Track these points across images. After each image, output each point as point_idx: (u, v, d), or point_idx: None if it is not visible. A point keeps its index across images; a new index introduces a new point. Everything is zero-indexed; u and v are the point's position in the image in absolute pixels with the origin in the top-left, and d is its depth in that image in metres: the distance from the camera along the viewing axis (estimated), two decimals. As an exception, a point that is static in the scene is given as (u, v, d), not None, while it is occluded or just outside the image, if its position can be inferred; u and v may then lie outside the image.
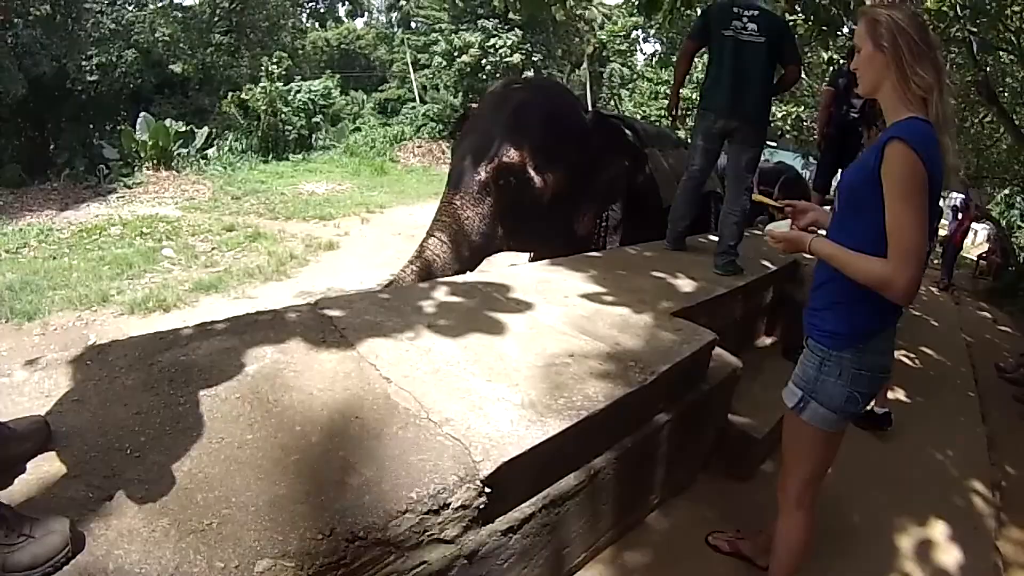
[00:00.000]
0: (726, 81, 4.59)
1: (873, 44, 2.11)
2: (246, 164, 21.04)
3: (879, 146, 2.01)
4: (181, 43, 24.35)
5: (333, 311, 2.91)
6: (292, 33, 30.19)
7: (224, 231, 12.86)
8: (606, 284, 3.78)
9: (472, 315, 3.02)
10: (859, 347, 2.19)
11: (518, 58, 29.26)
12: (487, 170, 4.49)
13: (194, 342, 2.48)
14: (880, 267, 1.99)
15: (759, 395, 4.02)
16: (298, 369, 2.34)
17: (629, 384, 2.50)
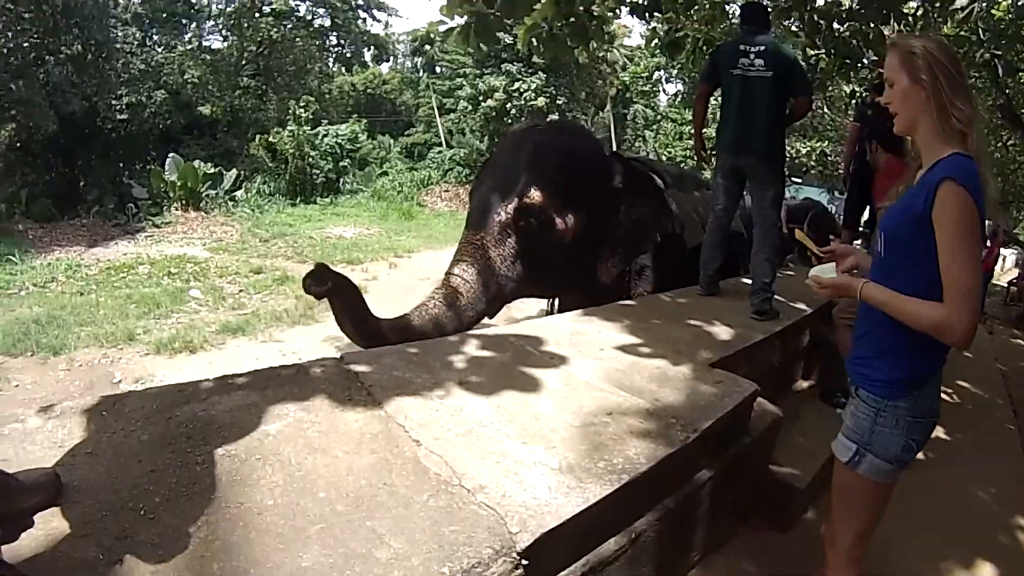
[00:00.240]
0: (733, 119, 4.63)
1: (910, 78, 2.02)
2: (274, 207, 21.18)
3: (929, 187, 1.92)
4: (209, 85, 24.73)
5: (359, 366, 2.82)
6: (319, 77, 30.53)
7: (252, 273, 12.83)
8: (641, 334, 3.66)
9: (505, 370, 2.91)
10: (914, 394, 2.10)
11: (542, 101, 29.30)
12: (508, 211, 4.42)
13: (214, 396, 2.39)
14: (937, 311, 1.91)
15: (799, 442, 3.91)
16: (323, 429, 2.24)
17: (671, 443, 2.38)
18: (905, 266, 2.03)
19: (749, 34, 4.66)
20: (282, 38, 26.78)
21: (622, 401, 2.68)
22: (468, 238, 4.46)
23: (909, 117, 2.05)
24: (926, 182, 1.95)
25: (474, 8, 5.71)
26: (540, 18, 6.97)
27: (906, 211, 2.01)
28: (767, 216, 4.62)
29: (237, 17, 26.49)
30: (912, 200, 2.00)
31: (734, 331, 3.97)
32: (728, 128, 4.69)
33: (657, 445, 2.34)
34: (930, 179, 1.94)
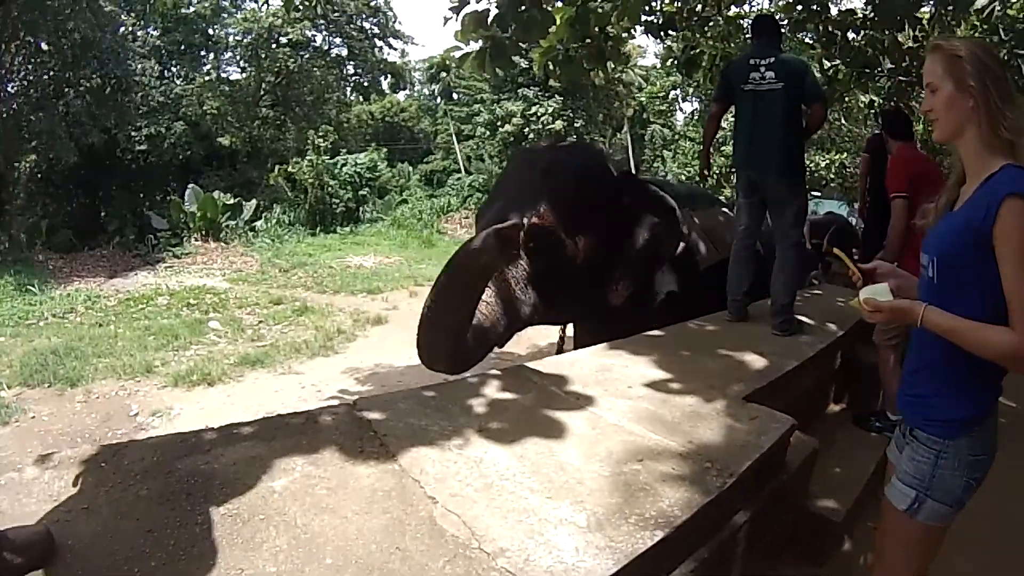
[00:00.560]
0: (747, 135, 4.56)
1: (955, 84, 1.90)
2: (294, 237, 21.28)
3: (991, 204, 1.79)
4: (228, 116, 24.84)
5: (372, 413, 2.66)
6: (337, 106, 30.67)
7: (271, 304, 12.83)
8: (671, 368, 3.48)
9: (527, 415, 2.74)
10: (975, 430, 1.97)
11: (560, 124, 29.40)
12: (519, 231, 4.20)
13: (217, 448, 2.27)
14: (1008, 337, 1.78)
15: (834, 471, 3.78)
16: (331, 486, 2.09)
17: (707, 491, 2.21)
18: (963, 291, 1.90)
19: (759, 47, 4.58)
20: (299, 68, 26.94)
21: (653, 445, 2.51)
22: None
23: (953, 126, 1.94)
24: (984, 198, 1.83)
25: (489, 33, 5.66)
26: (556, 41, 6.93)
27: (963, 231, 1.88)
28: (787, 235, 4.52)
29: (254, 48, 26.70)
30: (969, 218, 1.87)
31: (767, 360, 3.79)
32: (742, 144, 4.62)
33: (692, 493, 2.18)
34: (990, 195, 1.81)
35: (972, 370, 1.90)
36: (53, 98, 18.93)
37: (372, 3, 29.16)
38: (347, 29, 28.84)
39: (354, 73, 31.43)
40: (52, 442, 6.66)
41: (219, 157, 25.27)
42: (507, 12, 5.51)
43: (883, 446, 4.41)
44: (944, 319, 1.88)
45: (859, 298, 2.07)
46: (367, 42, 29.94)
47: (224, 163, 25.42)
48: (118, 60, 19.58)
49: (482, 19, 5.57)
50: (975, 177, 1.92)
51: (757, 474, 2.53)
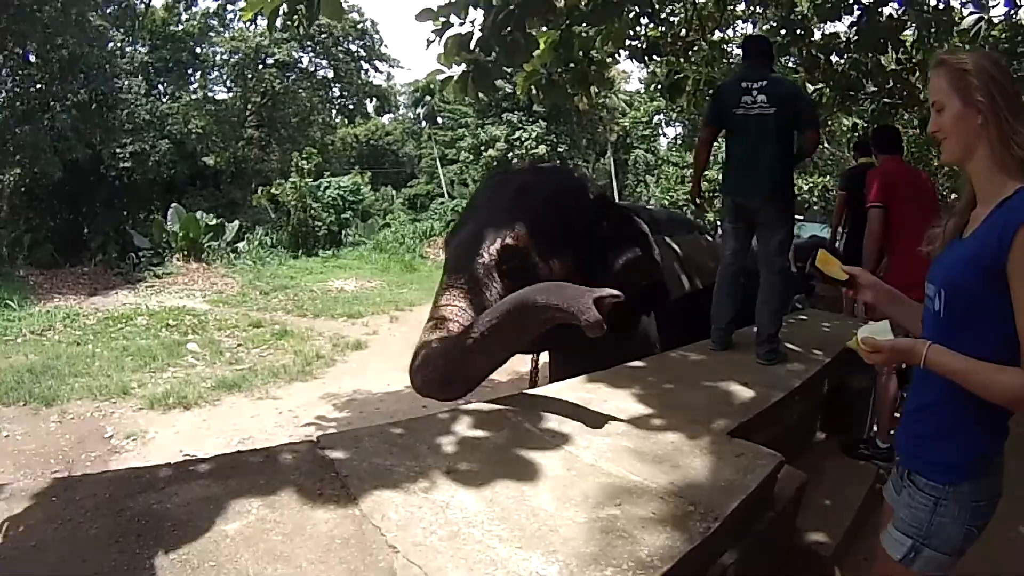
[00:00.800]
0: (739, 160, 4.46)
1: (962, 100, 1.79)
2: (276, 259, 21.34)
3: (1005, 231, 1.66)
4: (213, 136, 24.83)
5: (335, 451, 2.50)
6: (322, 128, 30.78)
7: (251, 327, 12.78)
8: (652, 402, 3.33)
9: (499, 454, 2.58)
10: (979, 476, 1.86)
11: (544, 149, 29.55)
12: (492, 252, 3.94)
13: (172, 486, 2.13)
14: (1019, 379, 1.65)
15: (822, 503, 3.70)
16: (287, 531, 1.93)
17: (690, 536, 2.05)
18: (973, 327, 1.78)
19: (750, 69, 4.49)
20: (285, 89, 27.14)
21: (632, 486, 2.35)
22: (451, 282, 3.95)
23: (962, 145, 1.82)
24: (998, 225, 1.70)
25: (472, 56, 5.60)
26: (539, 65, 6.89)
27: (973, 260, 1.76)
28: (774, 262, 4.41)
29: (241, 68, 26.89)
30: (980, 247, 1.75)
31: (752, 391, 3.66)
32: (733, 170, 4.52)
33: (674, 539, 2.02)
34: (1004, 221, 1.69)
35: (977, 411, 1.78)
36: (39, 111, 19.03)
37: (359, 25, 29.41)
38: (333, 51, 29.14)
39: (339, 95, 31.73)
40: (25, 462, 6.61)
41: (203, 177, 25.27)
42: (490, 35, 5.43)
43: (873, 475, 4.41)
44: (950, 359, 1.76)
45: (857, 338, 1.96)
46: (353, 64, 30.24)
47: (208, 183, 25.43)
48: (105, 76, 19.68)
49: (465, 42, 5.50)
50: (987, 201, 1.80)
51: (744, 514, 2.38)
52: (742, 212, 4.51)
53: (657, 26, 8.24)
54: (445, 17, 5.45)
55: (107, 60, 20.31)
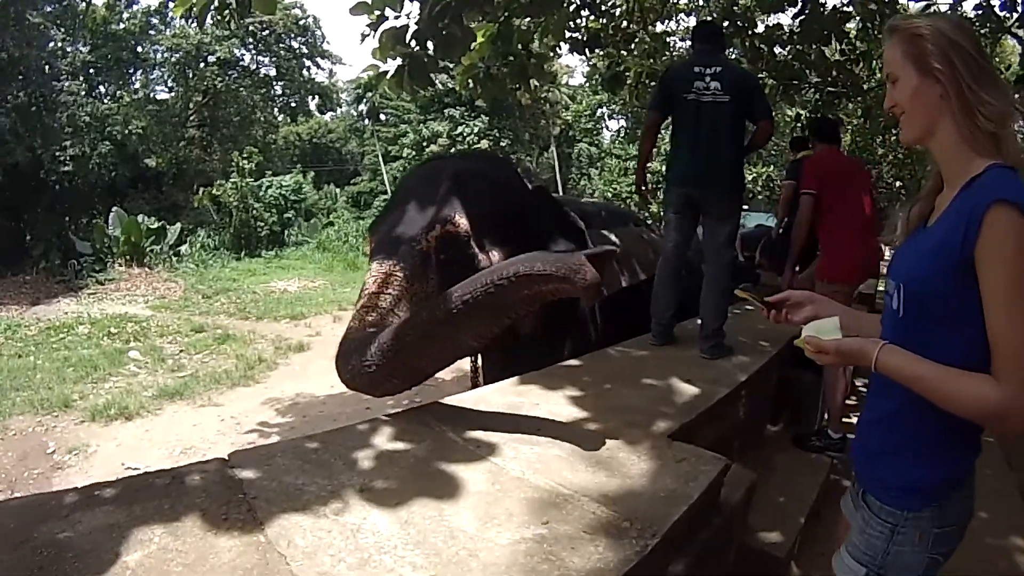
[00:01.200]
0: (689, 149, 4.27)
1: (919, 70, 1.57)
2: (219, 261, 21.12)
3: (972, 216, 1.44)
4: (155, 137, 24.42)
5: (245, 471, 2.30)
6: (264, 127, 30.50)
7: (193, 332, 12.65)
8: (587, 404, 3.14)
9: (419, 469, 2.39)
10: (943, 501, 1.63)
11: (486, 144, 29.57)
12: (429, 238, 3.56)
13: (76, 513, 1.96)
14: (989, 391, 1.41)
15: (776, 501, 3.60)
16: (189, 561, 1.76)
17: (626, 557, 1.87)
18: (937, 328, 1.56)
19: (702, 55, 4.35)
20: (227, 88, 26.80)
21: (562, 501, 2.17)
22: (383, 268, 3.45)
23: (921, 121, 1.61)
24: (964, 209, 1.48)
25: (407, 50, 5.49)
26: (477, 59, 6.79)
27: (937, 251, 1.54)
28: (721, 254, 4.30)
29: (182, 66, 26.48)
30: (945, 235, 1.52)
31: (696, 388, 3.52)
32: (683, 160, 4.32)
33: (607, 561, 1.85)
34: (971, 204, 1.47)
35: (945, 424, 1.55)
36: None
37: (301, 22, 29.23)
38: (275, 48, 29.03)
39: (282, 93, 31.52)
40: None
41: (145, 179, 24.89)
42: (426, 29, 5.35)
43: (826, 467, 4.35)
44: (906, 363, 1.54)
45: (802, 336, 1.75)
46: (295, 62, 30.15)
47: (150, 185, 25.08)
48: (45, 77, 19.24)
49: (400, 36, 5.41)
50: (955, 183, 1.58)
51: (687, 526, 2.23)
52: (690, 203, 4.36)
53: (598, 18, 8.21)
54: (380, 10, 5.38)
55: (47, 61, 19.90)
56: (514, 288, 2.52)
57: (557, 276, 2.42)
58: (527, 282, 2.49)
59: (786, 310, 1.93)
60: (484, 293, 2.54)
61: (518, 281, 2.50)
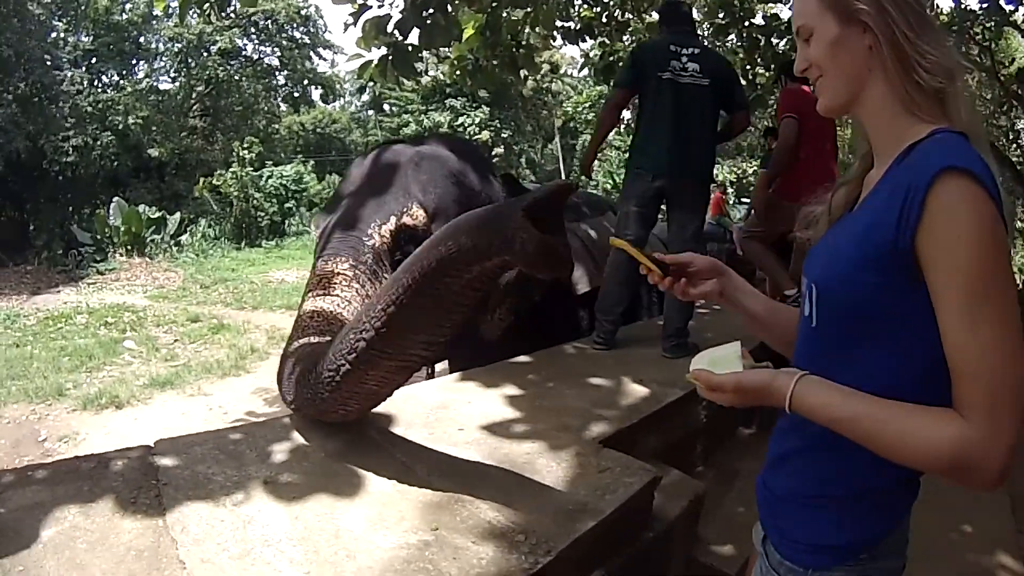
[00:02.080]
0: (666, 133, 4.01)
1: (839, 18, 1.22)
2: (219, 251, 21.05)
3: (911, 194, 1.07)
4: (156, 126, 24.45)
5: (164, 458, 2.34)
6: (267, 117, 30.46)
7: (189, 322, 12.58)
8: (522, 404, 3.03)
9: (328, 465, 2.36)
10: (861, 558, 1.25)
11: (487, 135, 29.42)
12: (383, 233, 3.18)
13: (9, 491, 2.10)
14: (952, 430, 1.03)
15: (734, 511, 3.31)
16: (92, 540, 1.88)
17: (507, 574, 1.79)
18: (862, 341, 1.20)
19: (678, 35, 4.12)
20: (229, 78, 26.74)
21: (460, 508, 2.11)
22: (328, 268, 3.06)
23: (847, 83, 1.25)
24: (901, 183, 1.11)
25: (391, 39, 5.44)
26: (466, 49, 6.74)
27: (862, 241, 1.16)
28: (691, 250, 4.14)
29: (184, 56, 26.44)
30: (874, 219, 1.16)
31: (646, 389, 3.36)
32: (657, 145, 4.07)
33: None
34: (906, 178, 1.10)
35: (873, 469, 1.18)
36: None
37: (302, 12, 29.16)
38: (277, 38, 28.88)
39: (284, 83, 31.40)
40: None
41: (147, 169, 24.97)
42: (409, 17, 5.31)
43: None
44: (831, 399, 1.15)
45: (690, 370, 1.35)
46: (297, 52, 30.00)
47: (152, 175, 25.13)
48: (46, 67, 19.27)
49: (383, 25, 5.37)
50: (887, 156, 1.22)
51: (597, 542, 2.11)
52: (658, 195, 4.14)
53: (591, 7, 8.15)
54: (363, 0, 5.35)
55: (48, 51, 19.94)
56: (442, 279, 1.93)
57: (482, 249, 1.83)
58: (455, 267, 1.89)
59: (685, 279, 1.53)
60: (410, 296, 1.99)
61: (442, 269, 1.90)
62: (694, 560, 2.89)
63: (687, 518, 2.71)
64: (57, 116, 20.75)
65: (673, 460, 2.98)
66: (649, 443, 2.95)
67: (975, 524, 3.52)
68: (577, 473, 2.39)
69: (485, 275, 1.95)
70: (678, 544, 2.74)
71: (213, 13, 5.82)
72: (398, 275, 2.04)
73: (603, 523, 2.09)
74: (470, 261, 1.86)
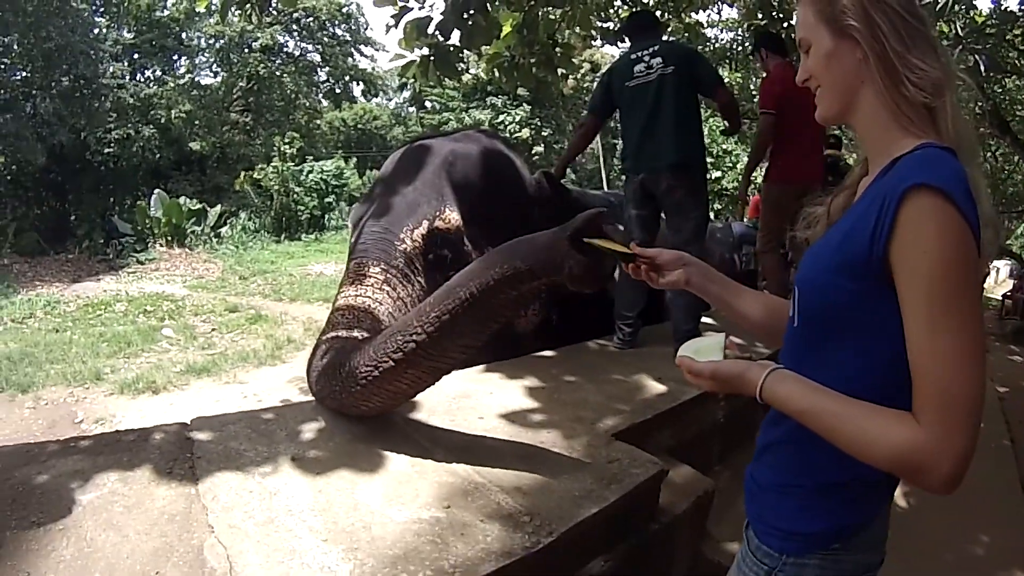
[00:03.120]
0: (637, 133, 4.12)
1: (833, 31, 1.28)
2: (258, 243, 21.37)
3: (885, 204, 1.13)
4: (198, 121, 24.74)
5: (200, 434, 2.52)
6: (308, 112, 30.64)
7: (227, 312, 12.74)
8: (542, 397, 3.14)
9: (352, 445, 2.50)
10: (834, 547, 1.30)
11: (527, 133, 29.33)
12: (415, 237, 3.30)
13: (53, 459, 2.27)
14: (906, 433, 1.08)
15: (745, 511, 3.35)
16: (129, 504, 2.04)
17: (510, 550, 1.88)
18: (839, 346, 1.25)
19: (637, 43, 4.23)
20: (270, 74, 26.95)
21: (472, 488, 2.22)
22: (360, 270, 3.19)
23: (840, 94, 1.31)
24: (878, 195, 1.16)
25: (432, 40, 5.52)
26: (503, 48, 6.79)
27: (842, 247, 1.22)
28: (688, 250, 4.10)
29: (226, 52, 26.71)
30: (853, 228, 1.21)
31: (662, 387, 3.42)
32: (632, 145, 4.18)
33: (488, 552, 1.87)
34: (884, 190, 1.15)
35: (846, 462, 1.18)
36: (21, 99, 18.88)
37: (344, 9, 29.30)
38: (319, 35, 29.03)
39: (325, 79, 31.54)
40: None
41: (189, 162, 25.27)
42: (450, 18, 5.37)
43: None
44: (799, 393, 1.21)
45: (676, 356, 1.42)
46: (339, 48, 30.15)
47: (193, 168, 25.43)
48: (89, 61, 19.53)
49: (424, 26, 5.44)
50: (877, 165, 1.28)
51: (600, 528, 2.19)
52: (648, 195, 4.19)
53: (630, 7, 8.13)
54: (404, 1, 5.41)
55: (91, 46, 20.21)
56: (494, 295, 2.15)
57: (537, 272, 2.05)
58: (510, 285, 2.11)
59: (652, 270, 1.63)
60: (465, 307, 2.18)
61: (499, 287, 2.12)
62: (702, 556, 2.92)
63: (695, 514, 2.76)
64: (100, 109, 21.07)
65: (687, 457, 3.02)
66: (662, 439, 3.01)
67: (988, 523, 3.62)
68: (586, 463, 2.47)
69: (533, 291, 2.18)
70: (684, 539, 2.79)
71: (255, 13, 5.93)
72: (455, 288, 2.20)
73: (606, 510, 2.17)
74: (523, 280, 2.09)
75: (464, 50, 5.92)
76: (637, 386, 3.48)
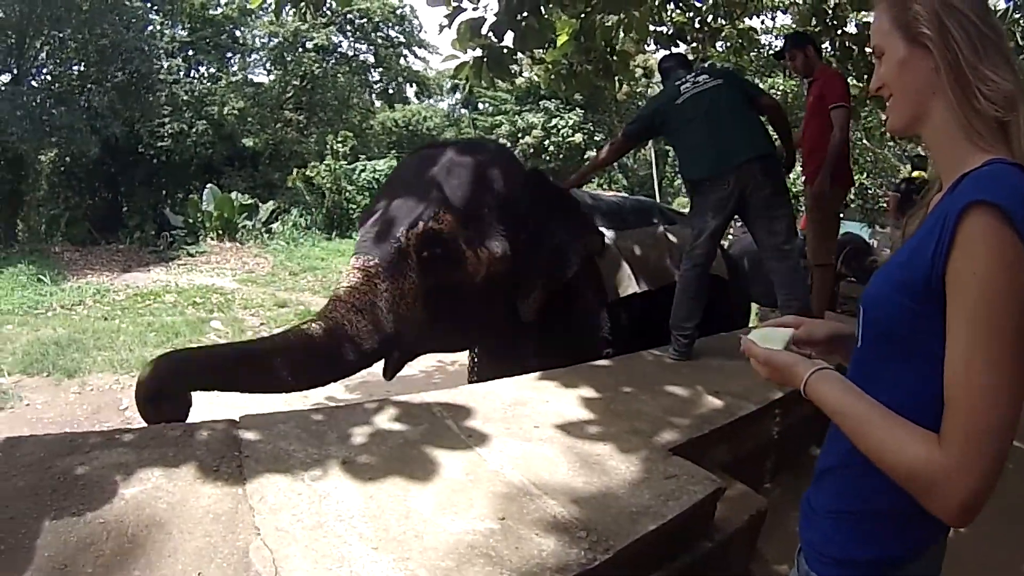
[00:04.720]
0: (706, 133, 4.10)
1: (907, 39, 1.22)
2: (309, 240, 21.28)
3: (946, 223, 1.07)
4: (251, 117, 24.98)
5: (249, 432, 2.50)
6: (361, 112, 30.83)
7: (276, 307, 12.80)
8: (597, 408, 3.08)
9: (404, 450, 2.46)
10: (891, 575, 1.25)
11: (580, 138, 29.15)
12: (409, 236, 3.46)
13: (95, 451, 2.27)
14: (928, 449, 1.05)
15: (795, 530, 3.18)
16: (174, 501, 2.02)
17: (565, 567, 1.83)
18: (893, 365, 1.20)
19: (675, 75, 4.40)
20: (324, 73, 27.15)
21: (527, 500, 2.16)
22: (357, 264, 3.47)
23: (911, 104, 1.25)
24: (940, 215, 1.11)
25: (485, 41, 5.50)
26: (560, 55, 6.77)
27: (906, 266, 1.17)
28: (787, 255, 4.03)
29: (280, 51, 27.00)
30: (917, 246, 1.15)
31: (719, 401, 3.36)
32: (702, 149, 4.12)
33: (543, 568, 1.82)
34: (948, 207, 1.10)
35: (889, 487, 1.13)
36: (76, 93, 19.23)
37: (398, 11, 29.42)
38: (373, 36, 29.15)
39: (379, 80, 31.69)
40: (41, 430, 6.58)
41: (241, 158, 25.43)
42: (504, 21, 5.35)
43: None
44: (836, 392, 1.20)
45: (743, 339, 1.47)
46: (392, 50, 30.25)
47: (246, 164, 25.60)
48: (143, 57, 19.83)
49: (477, 27, 5.44)
50: (947, 181, 1.20)
51: (657, 546, 2.14)
52: (730, 195, 4.06)
53: (684, 12, 8.07)
54: (457, 2, 5.44)
55: (145, 43, 20.54)
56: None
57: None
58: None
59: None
60: None
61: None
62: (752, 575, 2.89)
63: (747, 532, 2.73)
64: (154, 104, 21.31)
65: (740, 474, 2.98)
66: (718, 455, 2.96)
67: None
68: (644, 477, 2.42)
69: None
70: (736, 557, 2.75)
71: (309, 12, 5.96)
72: None
73: (664, 527, 2.12)
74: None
75: (517, 52, 5.91)
76: (694, 399, 3.42)
